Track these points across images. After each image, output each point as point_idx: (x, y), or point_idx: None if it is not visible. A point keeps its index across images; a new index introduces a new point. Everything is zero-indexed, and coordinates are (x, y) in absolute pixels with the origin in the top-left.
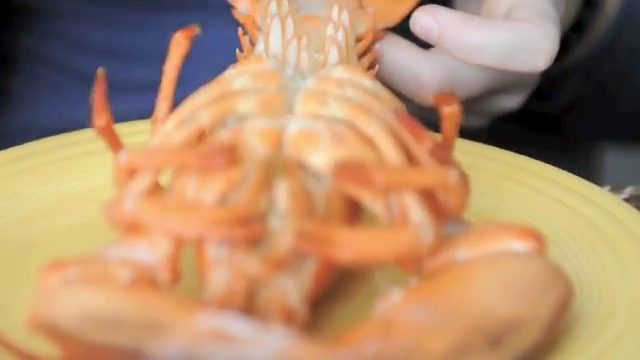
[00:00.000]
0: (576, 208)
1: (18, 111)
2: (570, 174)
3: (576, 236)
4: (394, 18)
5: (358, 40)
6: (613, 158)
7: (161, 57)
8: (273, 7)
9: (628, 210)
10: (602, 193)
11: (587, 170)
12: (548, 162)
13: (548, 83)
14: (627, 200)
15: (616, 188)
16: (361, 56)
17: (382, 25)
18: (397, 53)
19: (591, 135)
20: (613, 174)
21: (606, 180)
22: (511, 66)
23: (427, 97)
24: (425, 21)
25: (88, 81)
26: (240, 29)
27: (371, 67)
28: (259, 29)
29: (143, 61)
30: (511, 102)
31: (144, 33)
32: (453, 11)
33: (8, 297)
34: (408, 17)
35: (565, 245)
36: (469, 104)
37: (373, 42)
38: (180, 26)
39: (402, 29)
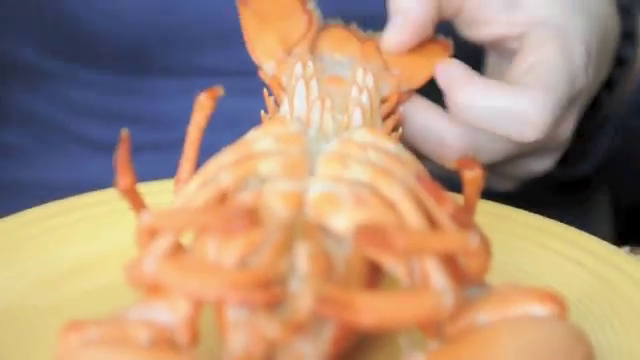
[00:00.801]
0: (595, 269)
1: (25, 168)
2: (588, 235)
3: (596, 299)
4: (419, 80)
5: (382, 102)
6: (632, 218)
7: (160, 121)
8: (298, 68)
9: None
10: (620, 254)
11: (605, 229)
12: (565, 221)
13: (580, 142)
14: None
15: (635, 249)
16: (385, 118)
17: (407, 87)
18: (421, 115)
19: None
20: (631, 233)
21: (623, 239)
22: (498, 131)
23: (450, 160)
24: (438, 72)
25: (91, 143)
26: (265, 90)
27: (395, 129)
28: (284, 90)
29: (144, 125)
30: (540, 166)
31: (148, 98)
32: (463, 68)
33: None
34: (432, 80)
35: (586, 308)
36: (495, 168)
37: (397, 104)
38: (185, 92)
39: (428, 90)
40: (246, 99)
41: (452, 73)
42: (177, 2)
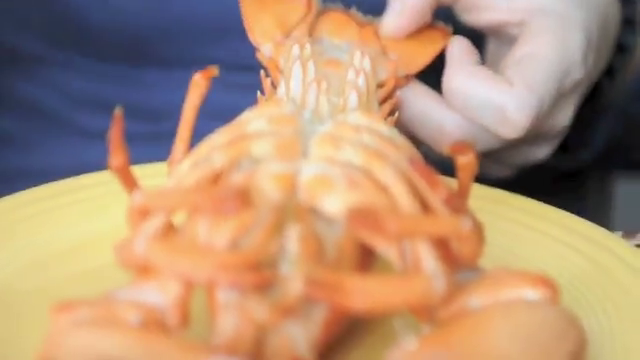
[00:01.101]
0: (588, 254)
1: (24, 156)
2: (582, 220)
3: (590, 283)
4: (417, 65)
5: (380, 86)
6: (625, 203)
7: (159, 112)
8: (296, 50)
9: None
10: (614, 239)
11: (599, 215)
12: (560, 207)
13: (580, 130)
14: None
15: (628, 234)
16: (382, 102)
17: (404, 72)
18: (419, 100)
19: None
20: (625, 219)
21: (618, 226)
22: (479, 121)
23: (448, 146)
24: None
25: (89, 132)
26: (262, 71)
27: (392, 113)
28: (281, 72)
29: (143, 115)
30: (538, 153)
31: (147, 89)
32: (462, 49)
33: (21, 341)
34: (430, 65)
35: (579, 292)
36: (493, 155)
37: (395, 89)
38: (185, 84)
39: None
40: (246, 93)
41: (452, 50)
42: None
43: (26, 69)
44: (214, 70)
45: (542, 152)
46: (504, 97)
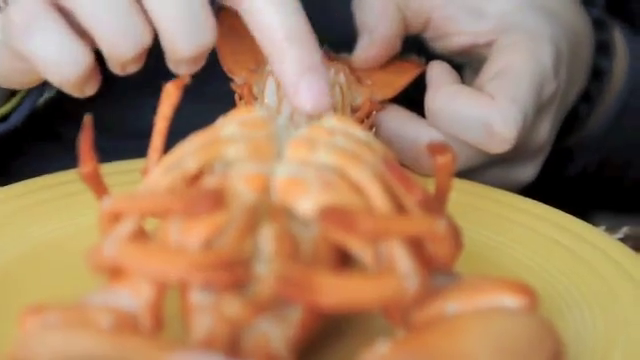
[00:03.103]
0: (571, 248)
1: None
2: (566, 214)
3: (572, 276)
4: (392, 90)
5: (355, 110)
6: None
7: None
8: (269, 67)
9: (623, 250)
10: (598, 233)
11: (582, 210)
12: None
13: (560, 155)
14: (622, 240)
15: (612, 228)
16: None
17: (379, 97)
18: (397, 122)
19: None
20: (608, 214)
21: (602, 220)
22: (464, 139)
23: (427, 166)
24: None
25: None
26: (236, 95)
27: None
28: (255, 98)
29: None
30: (525, 173)
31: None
32: (442, 70)
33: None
34: (407, 90)
35: (562, 286)
36: (475, 175)
37: (370, 112)
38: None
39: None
40: None
41: (431, 73)
42: None
43: None
44: (186, 78)
45: (527, 172)
46: (489, 112)
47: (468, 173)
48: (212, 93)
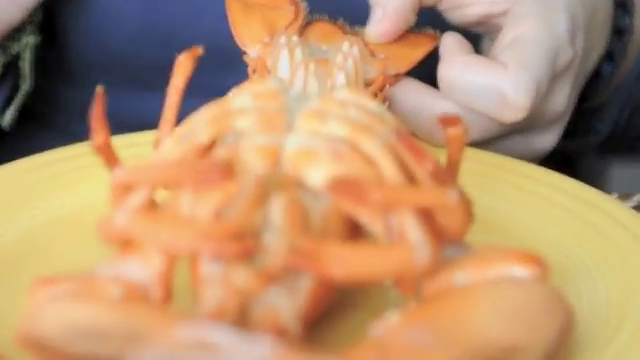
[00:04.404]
0: (584, 216)
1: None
2: (578, 182)
3: (585, 245)
4: (406, 64)
5: (368, 84)
6: (620, 166)
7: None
8: (282, 40)
9: (637, 218)
10: (610, 200)
11: (594, 178)
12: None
13: (586, 116)
14: (635, 208)
15: (624, 196)
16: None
17: (393, 71)
18: (411, 94)
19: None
20: (620, 182)
21: (614, 188)
22: (478, 109)
23: (441, 138)
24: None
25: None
26: (249, 68)
27: None
28: (269, 71)
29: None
30: (543, 142)
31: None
32: (455, 40)
33: (5, 314)
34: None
35: (575, 255)
36: (492, 145)
37: (383, 86)
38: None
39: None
40: None
41: (444, 45)
42: (179, 29)
43: None
44: (199, 50)
45: (546, 140)
46: (501, 80)
47: (485, 144)
48: (216, 88)
